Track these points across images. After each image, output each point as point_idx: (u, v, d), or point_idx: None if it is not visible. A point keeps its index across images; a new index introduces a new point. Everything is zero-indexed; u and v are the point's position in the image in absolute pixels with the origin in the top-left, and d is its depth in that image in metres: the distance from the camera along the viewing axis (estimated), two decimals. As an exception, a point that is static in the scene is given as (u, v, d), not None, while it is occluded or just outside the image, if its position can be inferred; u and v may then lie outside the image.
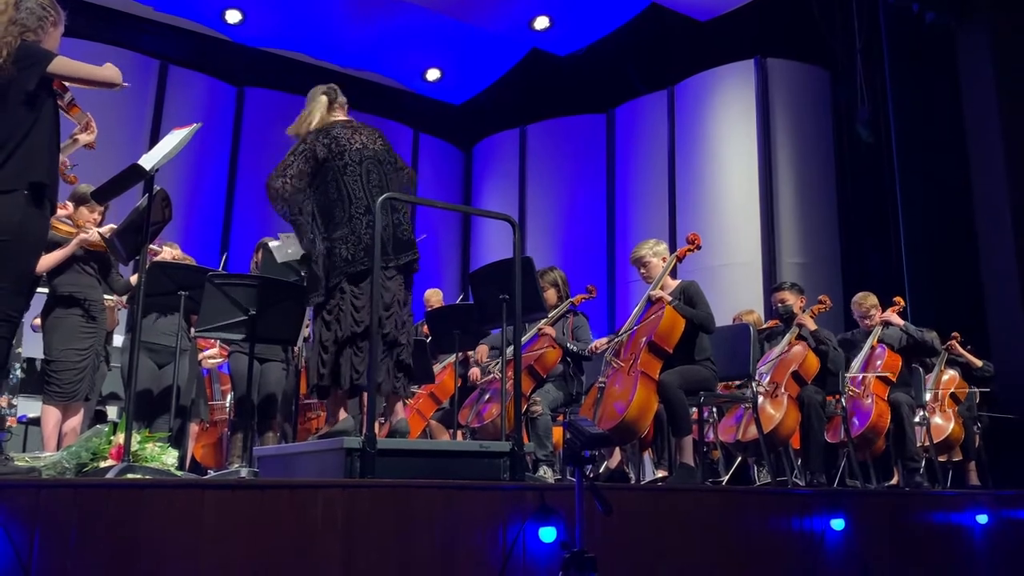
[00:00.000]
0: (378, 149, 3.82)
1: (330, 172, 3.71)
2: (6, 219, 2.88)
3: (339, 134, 3.76)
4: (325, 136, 3.76)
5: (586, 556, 2.59)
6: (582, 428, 2.66)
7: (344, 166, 3.70)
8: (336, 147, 3.72)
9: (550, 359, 5.22)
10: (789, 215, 8.79)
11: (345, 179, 3.68)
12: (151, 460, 3.54)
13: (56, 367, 4.53)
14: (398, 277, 3.74)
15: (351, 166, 3.71)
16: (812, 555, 3.87)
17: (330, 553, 2.69)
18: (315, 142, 3.75)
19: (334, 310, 3.63)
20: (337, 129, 3.79)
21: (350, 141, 3.75)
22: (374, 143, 3.82)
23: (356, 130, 3.82)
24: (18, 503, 2.33)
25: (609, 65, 10.01)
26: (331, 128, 3.80)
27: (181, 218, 8.12)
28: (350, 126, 3.84)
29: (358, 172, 3.70)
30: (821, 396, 5.34)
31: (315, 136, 3.78)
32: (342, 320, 3.60)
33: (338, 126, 3.82)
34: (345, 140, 3.75)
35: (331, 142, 3.73)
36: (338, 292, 3.63)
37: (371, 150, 3.79)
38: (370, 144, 3.80)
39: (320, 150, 3.73)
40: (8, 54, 2.91)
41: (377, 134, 3.90)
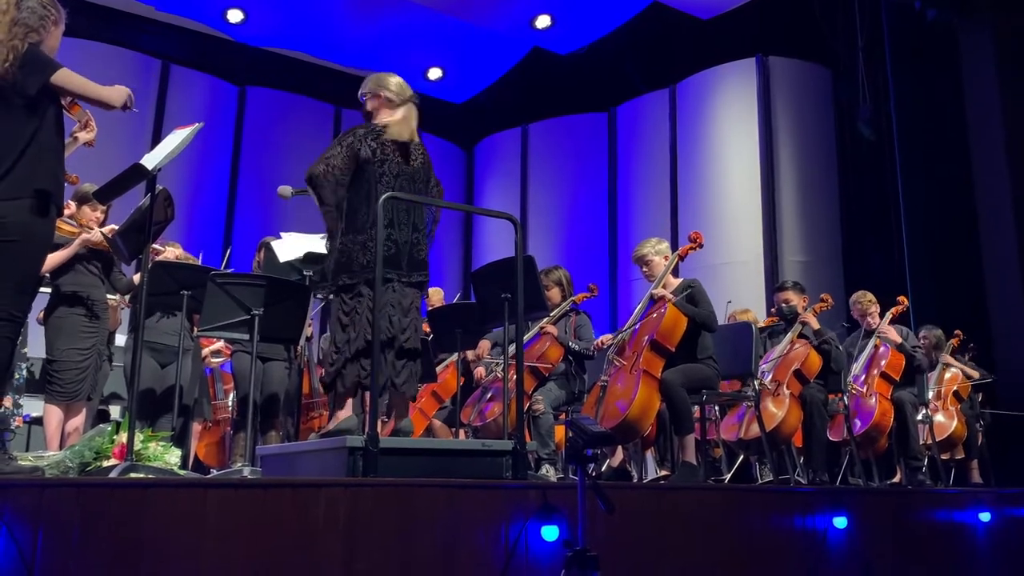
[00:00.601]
0: (417, 167, 3.83)
1: (365, 174, 3.71)
2: (12, 222, 2.88)
3: (387, 142, 3.76)
4: (374, 139, 3.74)
5: (588, 555, 2.59)
6: (584, 427, 2.66)
7: (381, 175, 3.70)
8: (381, 153, 3.72)
9: (552, 357, 5.23)
10: (791, 213, 8.79)
11: (378, 187, 3.67)
12: (154, 459, 3.54)
13: (58, 367, 4.53)
14: (413, 289, 3.77)
15: (387, 178, 3.71)
16: (815, 553, 3.87)
17: (332, 552, 2.69)
18: (363, 140, 3.73)
19: (351, 312, 3.65)
20: (387, 135, 3.78)
21: (396, 152, 3.76)
22: (416, 160, 3.83)
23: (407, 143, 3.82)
24: (22, 502, 2.34)
25: (610, 64, 10.01)
26: (382, 132, 3.78)
27: (183, 217, 8.13)
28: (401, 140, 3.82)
29: (392, 185, 3.70)
30: (823, 394, 5.34)
31: (365, 133, 3.76)
32: (357, 324, 3.61)
33: (393, 134, 3.80)
34: (391, 150, 3.75)
35: (378, 147, 3.73)
36: (356, 295, 3.64)
37: (411, 167, 3.80)
38: (412, 160, 3.81)
39: (365, 151, 3.71)
40: (14, 58, 2.91)
41: (421, 151, 3.89)
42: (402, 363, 3.70)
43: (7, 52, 2.90)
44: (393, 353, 3.67)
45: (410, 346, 3.72)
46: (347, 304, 3.67)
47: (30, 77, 2.91)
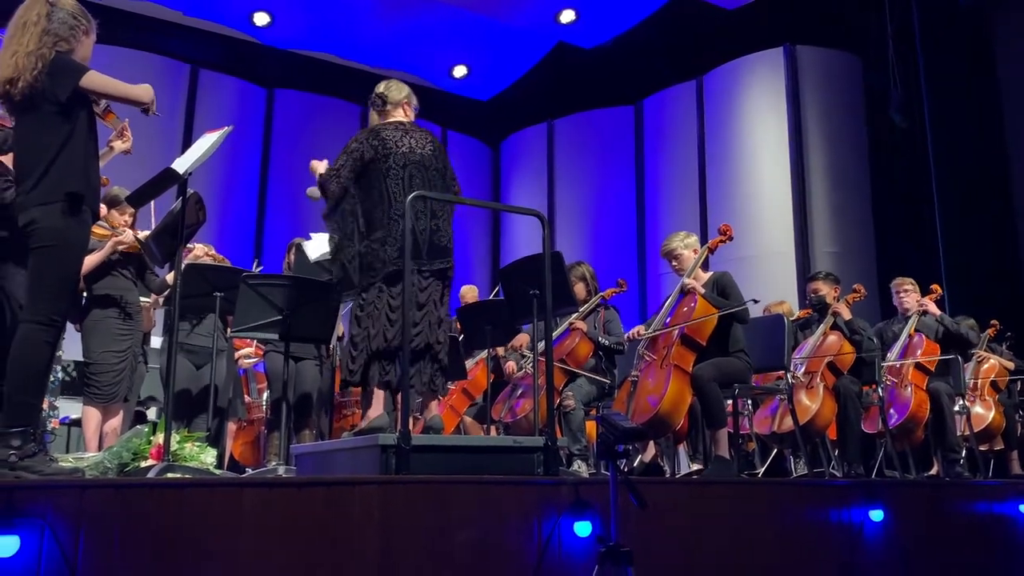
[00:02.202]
0: (426, 154, 3.83)
1: (374, 174, 3.74)
2: (48, 227, 2.94)
3: (388, 136, 3.78)
4: (375, 137, 3.78)
5: (622, 550, 2.59)
6: (615, 423, 2.65)
7: (388, 169, 3.72)
8: (383, 149, 3.74)
9: (582, 353, 5.22)
10: (822, 204, 8.69)
11: (388, 182, 3.70)
12: (190, 459, 3.59)
13: (95, 369, 4.61)
14: (433, 280, 3.76)
15: (394, 169, 3.73)
16: (850, 547, 3.84)
17: (367, 549, 2.72)
18: (365, 142, 3.77)
19: (368, 307, 3.67)
20: (388, 131, 3.80)
21: (397, 144, 3.77)
22: (423, 147, 3.84)
23: (407, 132, 3.83)
24: (63, 503, 2.39)
25: (636, 56, 9.95)
26: (382, 129, 3.81)
27: (214, 220, 8.22)
28: (401, 128, 3.85)
29: (401, 176, 3.72)
30: (857, 386, 5.28)
31: (365, 135, 3.80)
32: (375, 320, 3.62)
33: (390, 127, 3.83)
34: (392, 143, 3.76)
35: (379, 144, 3.75)
36: (375, 291, 3.66)
37: (418, 154, 3.80)
38: (418, 148, 3.81)
39: (367, 151, 3.75)
40: (43, 66, 2.96)
41: (428, 138, 3.90)
42: (415, 367, 3.66)
43: (36, 60, 2.96)
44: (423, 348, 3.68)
45: (417, 345, 3.66)
46: (364, 299, 3.69)
47: (60, 83, 2.96)
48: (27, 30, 3.01)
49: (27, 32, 3.00)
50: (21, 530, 2.30)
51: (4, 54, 3.01)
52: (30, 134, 3.01)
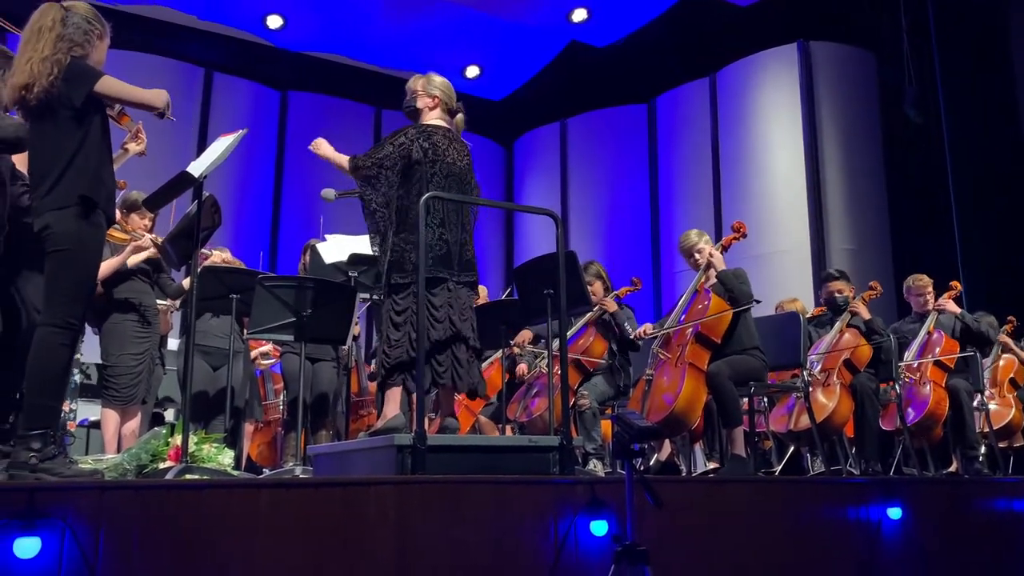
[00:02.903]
0: (463, 167, 3.88)
1: (417, 175, 3.75)
2: (63, 231, 2.96)
3: (439, 142, 3.80)
4: (426, 139, 3.79)
5: (638, 549, 2.59)
6: (630, 421, 2.65)
7: (432, 175, 3.75)
8: (433, 154, 3.77)
9: (596, 351, 5.21)
10: (837, 200, 8.65)
11: (430, 187, 3.72)
12: (208, 461, 3.61)
13: (113, 371, 4.64)
14: (465, 289, 3.82)
15: (438, 177, 3.76)
16: (869, 545, 3.81)
17: (384, 548, 2.73)
18: (415, 140, 3.78)
19: (404, 311, 3.69)
20: (438, 136, 3.83)
21: (445, 153, 3.80)
22: (462, 160, 3.88)
23: (451, 142, 3.87)
24: (83, 504, 2.41)
25: (649, 54, 9.93)
26: (433, 132, 3.83)
27: (230, 222, 8.27)
28: (448, 136, 3.88)
29: (443, 185, 3.76)
30: (875, 383, 5.26)
31: (416, 133, 3.80)
32: (412, 323, 3.65)
33: (440, 132, 3.85)
34: (442, 150, 3.80)
35: (430, 147, 3.77)
36: (411, 295, 3.67)
37: (458, 166, 3.85)
38: (459, 160, 3.86)
39: (416, 151, 3.76)
40: (58, 71, 2.98)
41: (466, 151, 3.94)
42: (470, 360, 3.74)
43: (51, 66, 2.98)
44: (464, 348, 3.71)
45: (475, 344, 3.77)
46: (399, 304, 3.71)
47: (75, 88, 2.98)
48: (42, 36, 3.03)
49: (42, 38, 3.03)
50: (42, 531, 2.32)
51: (19, 60, 3.03)
52: (45, 139, 3.03)
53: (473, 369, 3.76)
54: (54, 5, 3.12)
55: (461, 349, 3.70)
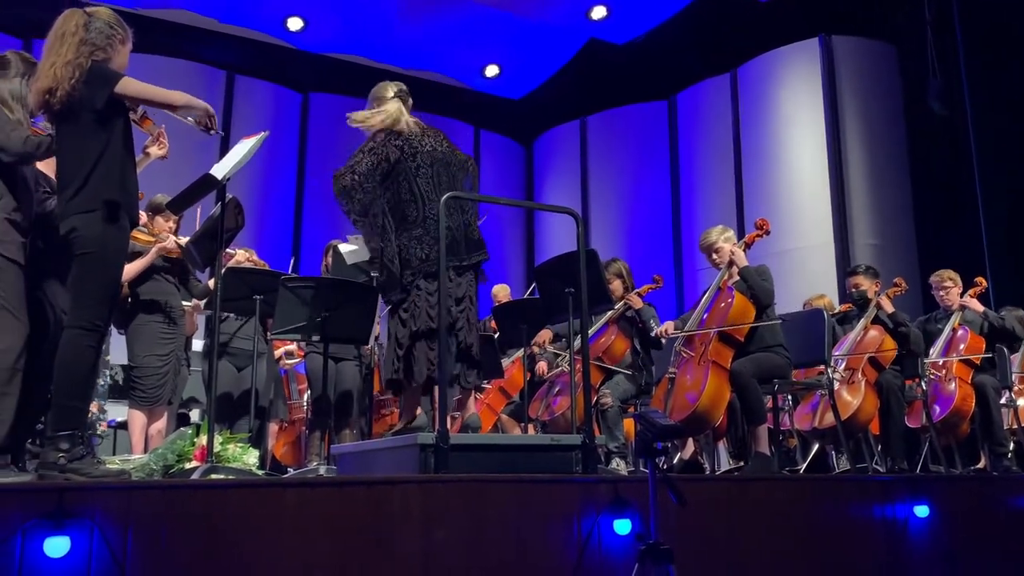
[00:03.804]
0: (444, 151, 3.88)
1: (402, 173, 3.77)
2: (89, 235, 3.00)
3: (410, 135, 3.82)
4: (396, 138, 3.81)
5: (662, 548, 2.58)
6: (653, 420, 2.64)
7: (417, 167, 3.77)
8: (408, 148, 3.78)
9: (618, 350, 5.20)
10: (861, 195, 8.56)
11: (418, 180, 3.74)
12: (233, 460, 3.64)
13: (140, 372, 4.69)
14: (469, 275, 3.81)
15: (423, 168, 3.77)
16: (895, 543, 3.78)
17: (407, 547, 2.74)
18: (386, 143, 3.80)
19: (410, 307, 3.71)
20: (409, 130, 3.84)
21: (421, 143, 3.81)
22: (440, 145, 3.88)
23: (424, 132, 3.88)
24: (111, 504, 2.44)
25: (669, 51, 9.88)
26: (403, 130, 3.85)
27: (253, 224, 8.32)
28: (419, 127, 3.89)
29: (430, 174, 3.77)
30: (900, 380, 5.21)
31: (385, 137, 3.82)
32: (417, 316, 3.67)
33: (411, 126, 3.87)
34: (416, 142, 3.81)
35: (403, 144, 3.79)
36: (414, 289, 3.70)
37: (440, 152, 3.85)
38: (438, 147, 3.86)
39: (392, 152, 3.78)
40: (80, 75, 3.02)
41: (441, 135, 3.95)
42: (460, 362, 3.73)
43: (73, 70, 3.02)
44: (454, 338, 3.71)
45: (462, 341, 3.74)
46: (406, 302, 3.73)
47: (97, 91, 3.02)
48: (65, 41, 3.07)
49: (65, 43, 3.07)
50: (71, 531, 2.35)
51: (43, 65, 3.08)
52: (70, 143, 3.07)
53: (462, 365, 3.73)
54: (77, 11, 3.16)
55: (452, 340, 3.70)
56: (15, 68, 3.36)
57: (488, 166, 10.80)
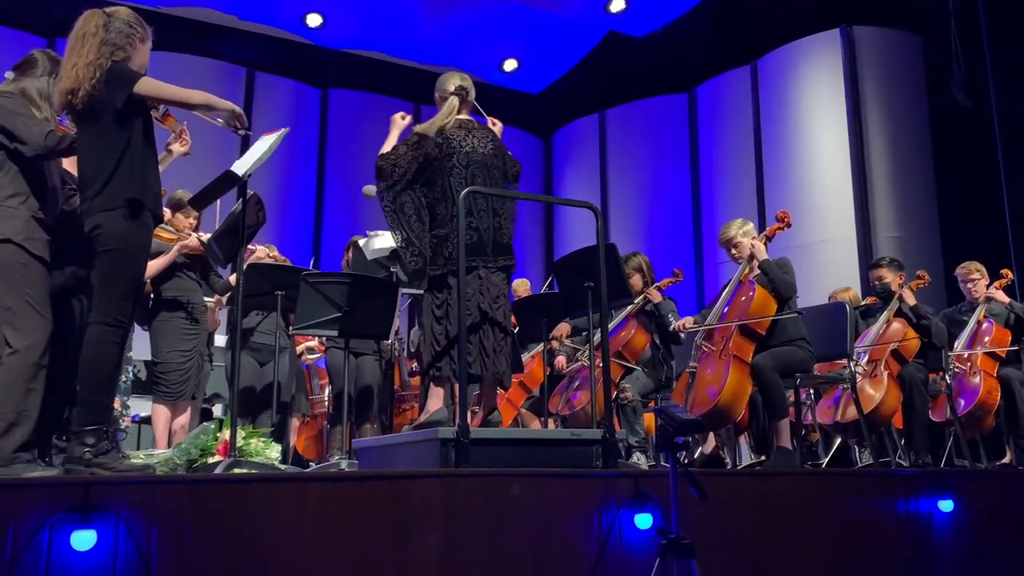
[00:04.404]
0: (487, 153, 3.89)
1: (438, 171, 3.80)
2: (112, 232, 3.04)
3: (452, 134, 3.84)
4: (439, 135, 3.84)
5: (683, 542, 2.57)
6: (674, 414, 2.63)
7: (451, 167, 3.79)
8: (447, 147, 3.81)
9: (638, 344, 5.19)
10: (884, 187, 8.48)
11: (451, 180, 3.76)
12: (256, 455, 3.68)
13: (163, 368, 4.74)
14: (500, 274, 3.83)
15: (457, 168, 3.79)
16: (919, 538, 3.75)
17: (428, 540, 2.75)
18: (430, 139, 3.84)
19: (443, 305, 3.73)
20: (452, 129, 3.87)
21: (461, 143, 3.83)
22: (484, 147, 3.89)
23: (470, 132, 3.89)
24: (136, 498, 2.47)
25: (688, 43, 9.81)
26: (446, 128, 3.87)
27: (274, 220, 8.37)
28: (465, 127, 3.91)
29: (464, 175, 3.78)
30: (924, 374, 5.16)
31: (434, 135, 3.86)
32: (451, 315, 3.68)
33: (455, 126, 3.89)
34: (457, 142, 3.83)
35: (443, 142, 3.82)
36: (446, 287, 3.72)
37: (480, 154, 3.86)
38: (479, 148, 3.87)
39: (431, 148, 3.81)
40: (100, 75, 3.05)
41: (490, 137, 3.95)
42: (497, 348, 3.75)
43: (94, 70, 3.05)
44: (492, 334, 3.72)
45: (506, 329, 3.77)
46: (438, 297, 3.75)
47: (116, 90, 3.05)
48: (86, 41, 3.10)
49: (86, 43, 3.10)
50: (97, 524, 2.38)
51: (65, 66, 3.11)
52: (92, 142, 3.10)
53: (500, 358, 3.75)
54: (97, 11, 3.19)
55: (489, 336, 3.71)
56: (42, 67, 3.41)
57: (506, 161, 10.78)
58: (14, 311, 3.08)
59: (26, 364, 3.05)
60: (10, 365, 3.04)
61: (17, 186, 3.21)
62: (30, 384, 3.06)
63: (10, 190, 3.20)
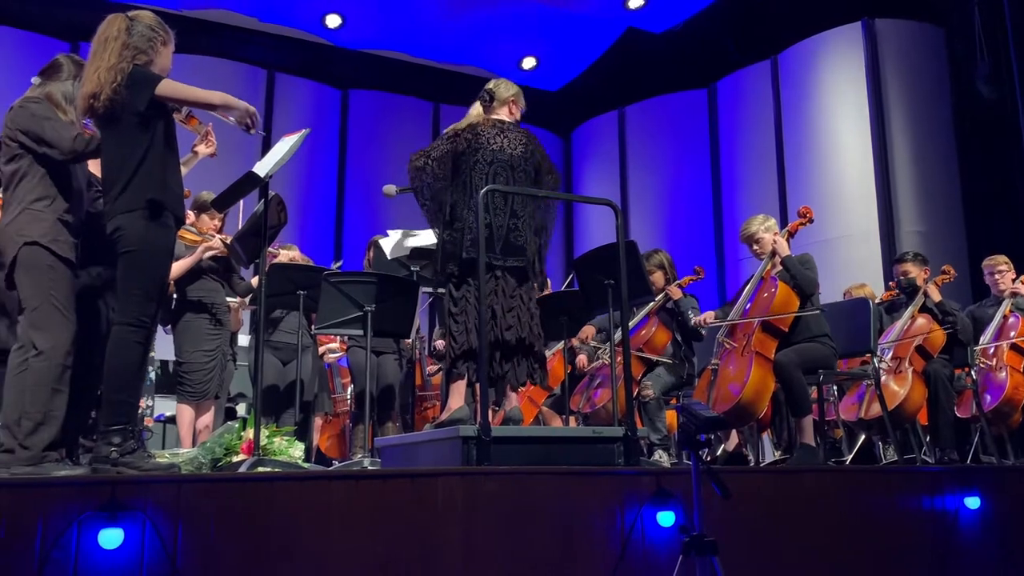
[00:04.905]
0: (516, 154, 3.90)
1: (463, 166, 3.84)
2: (133, 233, 3.07)
3: (483, 132, 3.88)
4: (471, 132, 3.89)
5: (706, 540, 2.56)
6: (696, 412, 2.62)
7: (475, 163, 3.82)
8: (475, 143, 3.84)
9: (659, 341, 5.17)
10: (906, 181, 8.39)
11: (473, 176, 3.80)
12: (279, 453, 3.70)
13: (187, 368, 4.79)
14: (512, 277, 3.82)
15: (480, 164, 3.82)
16: (944, 535, 3.72)
17: (451, 538, 2.76)
18: (461, 133, 3.89)
19: (460, 302, 3.75)
20: (484, 127, 3.90)
21: (490, 141, 3.86)
22: (514, 148, 3.90)
23: (502, 131, 3.91)
24: (162, 497, 2.49)
25: (708, 39, 9.76)
26: (479, 125, 3.91)
27: (295, 220, 8.42)
28: (499, 126, 3.93)
29: (486, 172, 3.81)
30: (949, 369, 5.10)
31: (465, 130, 3.92)
32: (469, 313, 3.70)
33: (487, 124, 3.91)
34: (485, 139, 3.86)
35: (473, 138, 3.86)
36: (464, 284, 3.75)
37: (507, 153, 3.87)
38: (508, 148, 3.88)
39: (460, 144, 3.86)
40: (122, 79, 3.08)
41: (523, 140, 3.95)
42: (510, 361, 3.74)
43: (116, 74, 3.08)
44: (499, 350, 3.72)
45: (510, 337, 3.75)
46: (455, 293, 3.77)
47: (138, 94, 3.08)
48: (108, 45, 3.14)
49: (108, 47, 3.13)
50: (124, 523, 2.41)
51: (88, 69, 3.15)
52: (114, 145, 3.14)
53: (523, 363, 3.75)
54: (119, 15, 3.23)
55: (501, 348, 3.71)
56: (67, 71, 3.45)
57: (526, 158, 10.78)
58: (39, 312, 3.12)
59: (51, 365, 3.10)
60: (36, 366, 3.08)
61: (44, 189, 3.26)
62: (56, 384, 3.10)
63: (36, 193, 3.24)
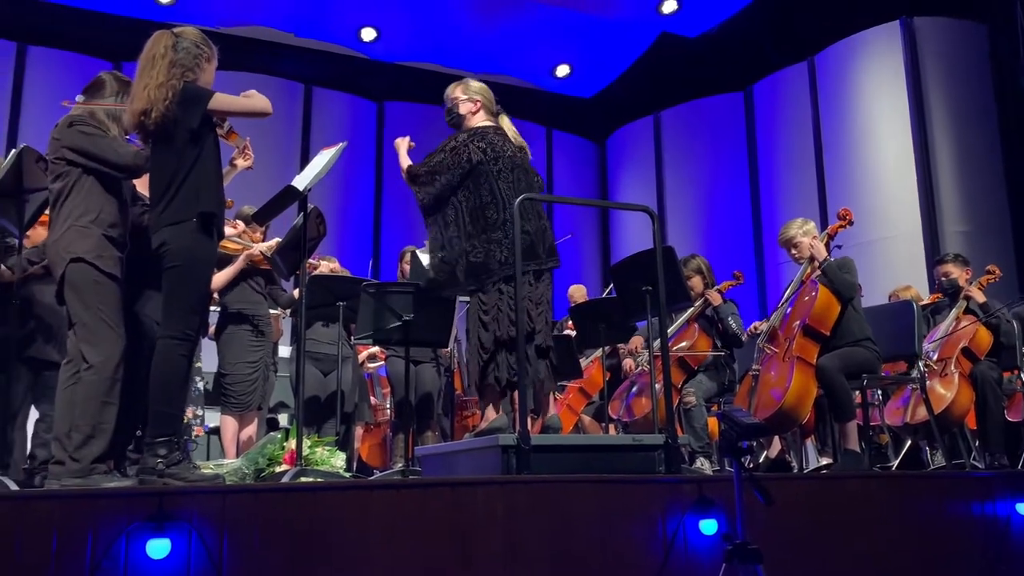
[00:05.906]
0: (522, 158, 3.93)
1: (484, 175, 3.80)
2: (178, 246, 3.13)
3: (494, 140, 3.87)
4: (480, 139, 3.84)
5: (749, 547, 2.54)
6: (737, 419, 2.60)
7: (499, 171, 3.80)
8: (492, 152, 3.82)
9: (700, 348, 5.13)
10: (949, 181, 8.24)
11: (499, 183, 3.78)
12: (321, 463, 3.74)
13: (230, 379, 4.85)
14: (546, 277, 3.83)
15: (504, 172, 3.81)
16: (996, 542, 3.63)
17: (492, 547, 2.76)
18: (469, 143, 3.83)
19: (491, 310, 3.72)
20: (491, 135, 3.89)
21: (503, 148, 3.86)
22: (515, 152, 3.92)
23: (505, 138, 3.93)
24: (207, 507, 2.53)
25: (743, 41, 9.68)
26: (486, 132, 3.89)
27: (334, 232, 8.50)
28: (499, 133, 3.94)
29: (511, 178, 3.81)
30: (997, 372, 5.00)
31: (468, 137, 3.86)
32: (500, 321, 3.68)
33: (491, 132, 3.92)
34: (499, 147, 3.85)
35: (487, 146, 3.83)
36: (495, 293, 3.72)
37: (519, 159, 3.90)
38: (518, 154, 3.92)
39: (475, 153, 3.81)
40: (173, 96, 3.15)
41: (517, 142, 3.99)
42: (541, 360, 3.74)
43: (167, 91, 3.14)
44: (533, 349, 3.71)
45: (543, 343, 3.75)
46: (485, 303, 3.73)
47: (190, 110, 3.14)
48: (156, 63, 3.20)
49: (156, 65, 3.19)
50: (171, 533, 2.45)
51: (137, 87, 3.21)
52: (163, 160, 3.20)
53: (539, 365, 3.74)
54: (165, 33, 3.29)
55: (531, 346, 3.69)
56: (110, 88, 3.52)
57: (561, 166, 10.78)
58: (89, 327, 3.19)
59: (102, 378, 3.16)
60: (87, 379, 3.14)
61: (89, 205, 3.32)
62: (106, 397, 3.17)
63: (82, 209, 3.31)
